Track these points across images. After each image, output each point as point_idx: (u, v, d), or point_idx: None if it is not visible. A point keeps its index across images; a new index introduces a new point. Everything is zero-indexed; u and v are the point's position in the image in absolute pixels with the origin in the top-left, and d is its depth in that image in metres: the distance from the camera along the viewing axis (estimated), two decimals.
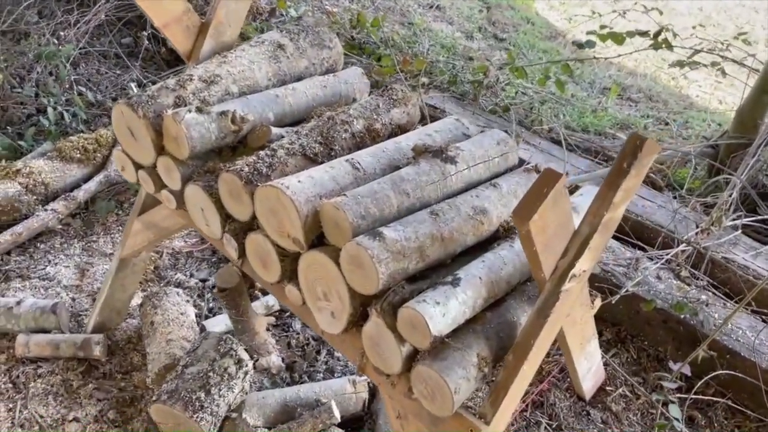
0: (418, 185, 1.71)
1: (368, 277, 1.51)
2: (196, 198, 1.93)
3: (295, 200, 1.62)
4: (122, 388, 2.40)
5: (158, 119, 1.93)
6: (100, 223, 3.18)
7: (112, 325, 2.61)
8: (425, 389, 1.50)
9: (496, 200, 1.76)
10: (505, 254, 1.66)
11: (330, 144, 1.91)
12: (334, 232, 1.62)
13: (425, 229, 1.60)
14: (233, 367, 2.18)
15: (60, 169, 3.20)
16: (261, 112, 2.04)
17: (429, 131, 1.96)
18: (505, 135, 1.93)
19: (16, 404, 2.27)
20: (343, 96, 2.26)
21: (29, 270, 2.85)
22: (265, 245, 1.76)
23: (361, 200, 1.62)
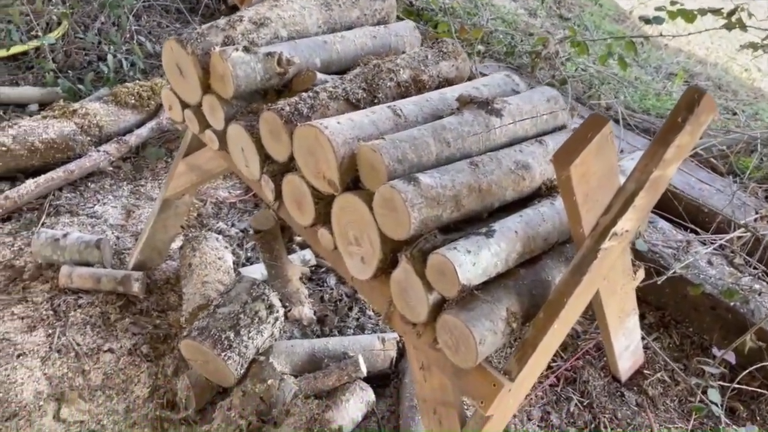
0: (460, 135, 1.66)
1: (400, 221, 1.48)
2: (237, 137, 1.93)
3: (332, 140, 1.59)
4: (157, 325, 2.45)
5: (206, 57, 1.93)
6: (149, 168, 3.24)
7: (153, 265, 2.66)
8: (450, 339, 1.46)
9: (541, 157, 1.69)
10: (544, 211, 1.59)
11: (374, 91, 1.88)
12: (370, 175, 1.59)
13: (463, 178, 1.55)
14: (264, 312, 2.19)
15: (114, 113, 3.27)
16: (308, 57, 2.01)
17: (477, 84, 1.90)
18: (557, 93, 1.85)
19: (55, 331, 2.35)
20: (393, 48, 2.22)
21: (78, 207, 2.94)
22: (301, 187, 1.75)
23: (399, 144, 1.58)
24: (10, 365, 2.20)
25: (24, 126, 2.99)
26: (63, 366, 2.24)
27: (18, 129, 2.96)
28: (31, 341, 2.29)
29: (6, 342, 2.27)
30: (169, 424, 2.14)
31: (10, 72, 3.80)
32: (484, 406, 1.46)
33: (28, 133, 2.97)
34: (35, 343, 2.29)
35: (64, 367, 2.23)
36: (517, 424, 2.22)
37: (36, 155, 2.99)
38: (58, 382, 2.19)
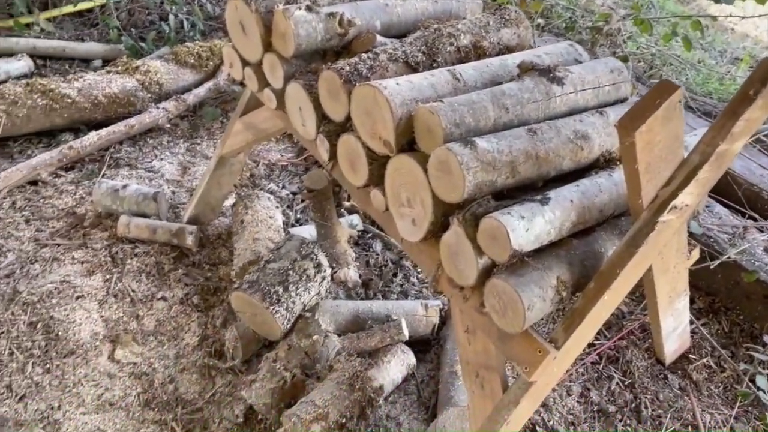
0: (519, 102, 1.64)
1: (454, 184, 1.48)
2: (296, 96, 1.95)
3: (390, 101, 1.60)
4: (208, 278, 2.52)
5: (269, 15, 1.95)
6: (205, 127, 3.31)
7: (206, 220, 2.74)
8: (497, 303, 1.47)
9: (601, 128, 1.66)
10: (602, 182, 1.57)
11: (433, 55, 1.87)
12: (426, 137, 1.59)
13: (520, 144, 1.54)
14: (312, 270, 2.23)
15: (174, 72, 3.35)
16: (368, 19, 2.02)
17: (539, 52, 1.88)
18: (621, 64, 1.81)
19: (112, 276, 2.45)
20: (453, 13, 2.20)
21: (137, 161, 3.03)
22: (356, 147, 1.76)
23: (457, 108, 1.58)
24: (70, 306, 2.31)
25: (89, 80, 3.09)
26: (119, 310, 2.34)
27: (83, 82, 3.06)
28: (89, 285, 2.40)
29: (66, 284, 2.38)
30: (216, 372, 2.22)
31: (77, 28, 3.92)
32: (529, 371, 1.47)
33: (93, 86, 3.07)
34: (93, 286, 2.40)
35: (120, 311, 2.33)
36: (556, 399, 2.23)
37: (99, 108, 3.09)
38: (113, 325, 2.29)
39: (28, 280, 2.36)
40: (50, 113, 2.99)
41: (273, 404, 2.03)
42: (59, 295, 2.33)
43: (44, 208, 2.70)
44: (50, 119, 3.01)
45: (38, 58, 3.56)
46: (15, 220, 2.61)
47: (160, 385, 2.14)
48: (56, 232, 2.60)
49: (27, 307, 2.26)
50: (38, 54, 3.54)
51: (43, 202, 2.72)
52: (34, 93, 2.95)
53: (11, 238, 2.54)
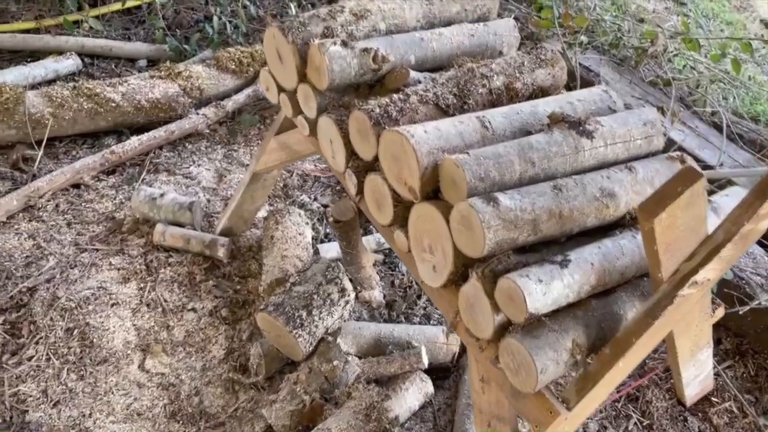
0: (547, 155, 1.64)
1: (475, 240, 1.50)
2: (327, 129, 1.98)
3: (417, 150, 1.61)
4: (237, 290, 2.60)
5: (305, 47, 1.98)
6: (243, 134, 3.37)
7: (238, 232, 2.81)
8: (511, 362, 1.49)
9: (629, 185, 1.65)
10: (625, 244, 1.56)
11: (464, 97, 1.87)
12: (450, 189, 1.61)
13: (544, 202, 1.54)
14: (336, 294, 2.28)
15: (215, 77, 3.41)
16: (403, 54, 2.02)
17: (571, 99, 1.86)
18: (654, 115, 1.79)
19: (146, 285, 2.54)
20: (490, 47, 2.18)
21: (175, 166, 3.11)
22: (382, 188, 1.79)
23: (482, 161, 1.58)
24: (105, 313, 2.41)
25: (133, 84, 3.17)
26: (150, 319, 2.43)
27: (127, 87, 3.15)
28: (124, 292, 2.50)
29: (103, 290, 2.48)
30: (240, 387, 2.30)
31: (124, 24, 4.01)
32: (539, 430, 1.49)
33: (136, 91, 3.16)
34: (128, 294, 2.49)
35: (152, 321, 2.42)
36: None
37: (141, 113, 3.18)
38: (145, 334, 2.38)
39: (67, 286, 2.47)
40: (95, 116, 3.09)
41: (291, 426, 2.09)
42: (96, 301, 2.43)
43: (85, 212, 2.80)
44: (95, 122, 3.11)
45: (86, 57, 3.66)
46: (57, 223, 2.72)
47: (185, 397, 2.23)
48: (96, 237, 2.70)
49: (65, 312, 2.37)
50: (86, 53, 3.65)
51: (85, 206, 2.83)
52: (80, 96, 3.05)
53: (53, 242, 2.65)
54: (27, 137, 2.99)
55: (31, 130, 2.97)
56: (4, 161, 2.97)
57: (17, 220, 2.72)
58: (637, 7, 5.31)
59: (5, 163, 2.96)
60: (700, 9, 5.52)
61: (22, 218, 2.73)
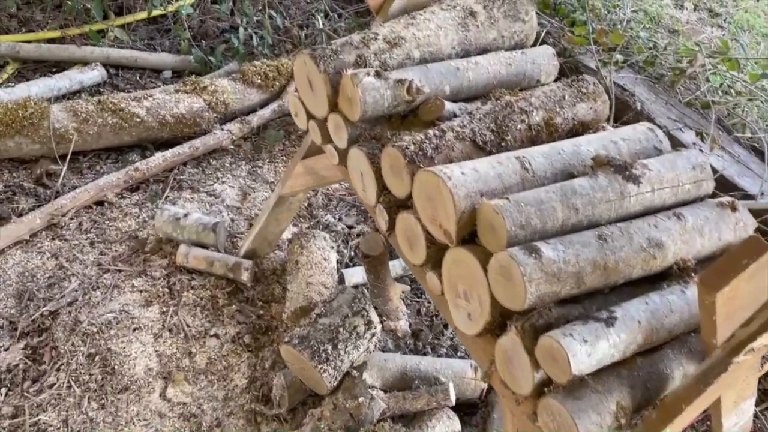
0: (591, 202, 1.56)
1: (515, 293, 1.42)
2: (358, 162, 1.92)
3: (454, 193, 1.54)
4: (260, 316, 2.55)
5: (337, 76, 1.92)
6: (267, 150, 3.32)
7: (262, 254, 2.76)
8: (551, 422, 1.41)
9: (677, 235, 1.56)
10: (673, 300, 1.48)
11: (502, 133, 1.80)
12: (489, 235, 1.53)
13: (588, 254, 1.46)
14: (362, 327, 2.22)
15: (241, 92, 3.36)
16: (438, 84, 1.95)
17: (615, 138, 1.78)
18: (703, 159, 1.70)
19: (169, 309, 2.50)
20: (527, 77, 2.11)
21: (199, 183, 3.07)
22: (415, 228, 1.72)
23: (523, 208, 1.51)
24: (127, 338, 2.37)
25: (158, 99, 3.13)
26: (173, 345, 2.39)
27: (152, 101, 3.11)
28: (146, 316, 2.46)
29: (125, 314, 2.44)
30: (262, 419, 2.25)
31: (149, 33, 3.98)
32: None
33: (161, 106, 3.12)
34: (150, 318, 2.45)
35: (174, 347, 2.38)
36: None
37: (166, 128, 3.14)
38: (167, 361, 2.34)
39: (89, 309, 2.43)
40: (119, 131, 3.06)
41: None
42: (118, 325, 2.39)
43: (108, 231, 2.77)
44: (119, 137, 3.08)
45: (111, 67, 3.63)
46: (80, 242, 2.69)
47: (207, 429, 2.18)
48: (118, 257, 2.67)
49: (87, 337, 2.34)
50: (111, 63, 3.62)
51: (108, 224, 2.79)
52: (105, 111, 3.01)
53: (76, 262, 2.62)
54: (51, 152, 2.96)
55: (56, 145, 2.94)
56: (27, 176, 2.95)
57: (40, 239, 2.69)
58: (670, 18, 5.18)
59: (29, 178, 2.94)
60: (735, 20, 5.37)
61: (45, 236, 2.70)
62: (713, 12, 5.57)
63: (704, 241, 1.61)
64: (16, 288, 2.49)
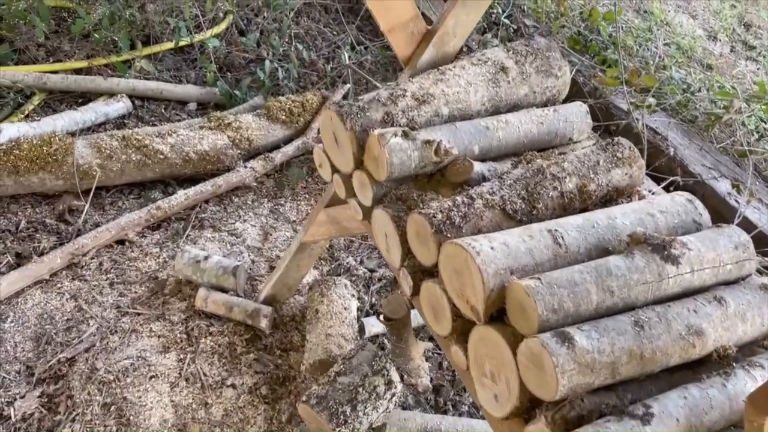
0: (627, 284, 1.48)
1: (546, 383, 1.35)
2: (382, 222, 1.86)
3: (483, 270, 1.48)
4: (278, 365, 2.49)
5: (364, 134, 1.87)
6: (290, 187, 3.28)
7: (282, 299, 2.71)
8: None
9: (718, 321, 1.48)
10: (714, 394, 1.40)
11: (533, 201, 1.73)
12: (519, 316, 1.46)
13: (624, 342, 1.39)
14: (382, 387, 2.15)
15: (265, 128, 3.34)
16: (467, 144, 1.90)
17: (653, 210, 1.70)
18: (746, 238, 1.61)
19: (186, 356, 2.46)
20: (559, 135, 2.04)
21: (221, 222, 3.04)
22: (440, 299, 1.66)
23: (556, 290, 1.43)
24: (143, 387, 2.33)
25: (182, 135, 3.12)
26: (189, 395, 2.34)
27: (176, 138, 3.10)
28: (163, 363, 2.42)
29: (142, 360, 2.41)
30: None
31: (176, 65, 3.98)
32: None
33: (185, 143, 3.10)
34: (167, 366, 2.41)
35: (190, 397, 2.34)
36: None
37: (189, 165, 3.12)
38: (182, 412, 2.30)
39: (106, 355, 2.40)
40: (143, 168, 3.04)
41: None
42: (134, 373, 2.36)
43: (128, 271, 2.75)
44: (142, 173, 3.07)
45: (137, 98, 3.63)
46: (100, 283, 2.67)
47: None
48: (137, 299, 2.64)
49: (103, 386, 2.30)
50: (137, 95, 3.62)
51: (128, 264, 2.77)
52: (129, 148, 3.00)
53: (95, 303, 2.60)
54: (74, 187, 2.96)
55: (79, 181, 2.94)
56: (50, 212, 2.95)
57: (60, 278, 2.67)
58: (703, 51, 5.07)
59: (51, 214, 2.93)
60: None
61: (65, 276, 2.68)
62: (748, 44, 5.45)
63: (746, 327, 1.52)
64: (34, 330, 2.47)
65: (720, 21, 5.73)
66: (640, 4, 5.51)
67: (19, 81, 3.39)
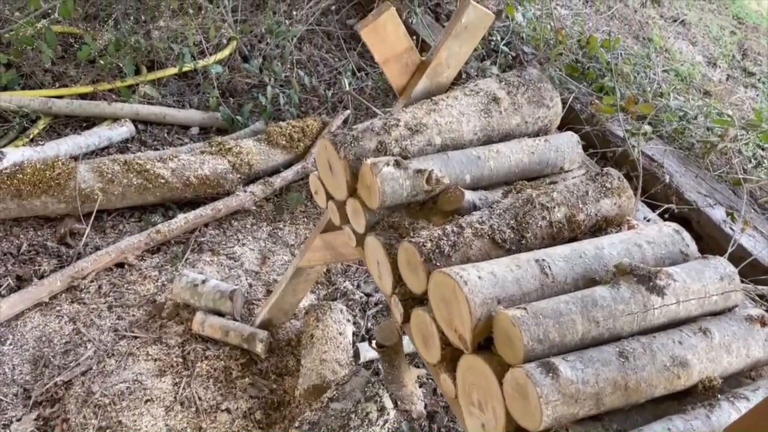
0: (612, 314, 1.50)
1: (531, 413, 1.37)
2: (374, 250, 1.89)
3: (470, 300, 1.50)
4: (273, 390, 2.51)
5: (357, 163, 1.91)
6: (289, 211, 3.32)
7: (278, 323, 2.73)
8: None
9: (703, 352, 1.49)
10: (698, 426, 1.41)
11: (522, 230, 1.75)
12: (505, 345, 1.48)
13: (608, 373, 1.40)
14: (375, 414, 2.16)
15: (265, 153, 3.39)
16: (458, 173, 1.93)
17: (640, 241, 1.72)
18: (732, 270, 1.63)
19: (182, 380, 2.48)
20: (550, 164, 2.07)
21: (219, 246, 3.07)
22: (429, 327, 1.68)
23: (541, 321, 1.45)
24: (138, 410, 2.35)
25: (183, 160, 3.16)
26: (183, 420, 2.35)
27: (177, 162, 3.14)
28: (159, 387, 2.43)
29: (138, 384, 2.42)
30: None
31: (179, 89, 4.05)
32: None
33: (186, 167, 3.15)
34: (162, 390, 2.43)
35: (184, 422, 2.35)
36: None
37: (189, 189, 3.17)
38: None
39: (102, 378, 2.42)
40: (143, 192, 3.09)
41: None
42: (130, 396, 2.38)
43: (127, 294, 2.78)
44: (143, 197, 3.11)
45: (140, 123, 3.69)
46: (99, 306, 2.70)
47: None
48: (135, 322, 2.67)
49: (98, 409, 2.32)
50: (140, 119, 3.68)
51: (127, 287, 2.80)
52: (130, 172, 3.05)
53: (93, 327, 2.62)
54: (75, 211, 3.00)
55: (80, 205, 2.98)
56: (51, 235, 2.99)
57: (60, 301, 2.70)
58: (702, 77, 5.12)
59: (53, 237, 2.97)
60: None
61: (64, 299, 2.72)
62: (747, 71, 5.49)
63: (731, 359, 1.54)
64: (32, 353, 2.50)
65: (720, 48, 5.78)
66: (639, 32, 5.58)
67: (25, 106, 3.46)
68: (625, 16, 5.79)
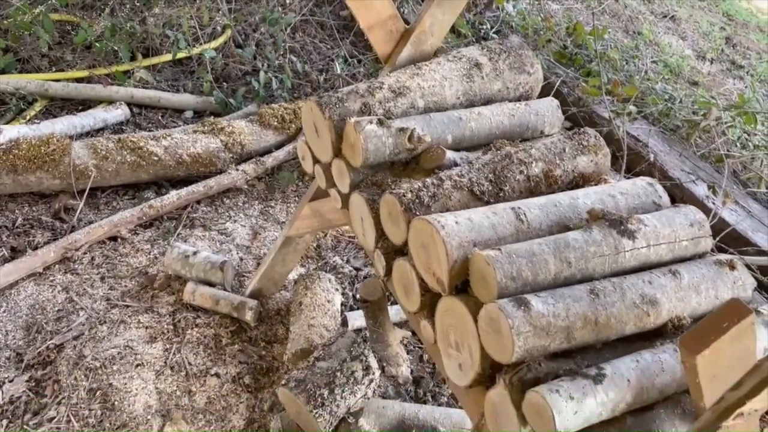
0: (584, 256, 1.55)
1: (504, 345, 1.41)
2: (358, 207, 1.94)
3: (447, 242, 1.55)
4: (262, 356, 2.55)
5: (341, 123, 1.96)
6: (280, 190, 3.37)
7: (268, 293, 2.78)
8: None
9: (672, 292, 1.54)
10: (666, 359, 1.45)
11: (500, 184, 1.81)
12: (480, 285, 1.53)
13: (579, 308, 1.45)
14: (360, 372, 2.20)
15: (257, 133, 3.44)
16: (440, 133, 1.98)
17: (614, 192, 1.77)
18: (702, 216, 1.68)
19: (172, 346, 2.52)
20: (531, 128, 2.12)
21: (211, 222, 3.12)
22: (410, 275, 1.73)
23: (515, 260, 1.51)
24: (129, 374, 2.39)
25: (176, 138, 3.22)
26: (173, 383, 2.40)
27: (170, 141, 3.20)
28: (149, 353, 2.48)
29: (129, 349, 2.47)
30: None
31: (174, 75, 4.11)
32: None
33: (179, 145, 3.20)
34: (153, 355, 2.47)
35: (174, 385, 2.39)
36: None
37: (182, 167, 3.22)
38: (166, 399, 2.35)
39: (94, 343, 2.47)
40: (137, 169, 3.14)
41: None
42: (121, 361, 2.42)
43: (119, 266, 2.82)
44: (136, 174, 3.16)
45: (135, 106, 3.75)
46: (91, 276, 2.75)
47: None
48: (127, 293, 2.71)
49: (89, 372, 2.36)
50: (135, 102, 3.74)
51: (120, 259, 2.85)
52: (124, 149, 3.11)
53: (86, 296, 2.67)
54: (70, 187, 3.05)
55: (75, 181, 3.03)
56: (46, 210, 3.04)
57: (53, 272, 2.75)
58: (691, 69, 5.19)
59: (47, 212, 3.02)
60: (758, 73, 5.36)
61: (58, 270, 2.76)
62: (735, 64, 5.57)
63: (701, 299, 1.58)
64: (25, 320, 2.54)
65: (709, 42, 5.86)
66: (630, 25, 5.66)
67: (22, 88, 3.52)
68: (615, 12, 5.88)
